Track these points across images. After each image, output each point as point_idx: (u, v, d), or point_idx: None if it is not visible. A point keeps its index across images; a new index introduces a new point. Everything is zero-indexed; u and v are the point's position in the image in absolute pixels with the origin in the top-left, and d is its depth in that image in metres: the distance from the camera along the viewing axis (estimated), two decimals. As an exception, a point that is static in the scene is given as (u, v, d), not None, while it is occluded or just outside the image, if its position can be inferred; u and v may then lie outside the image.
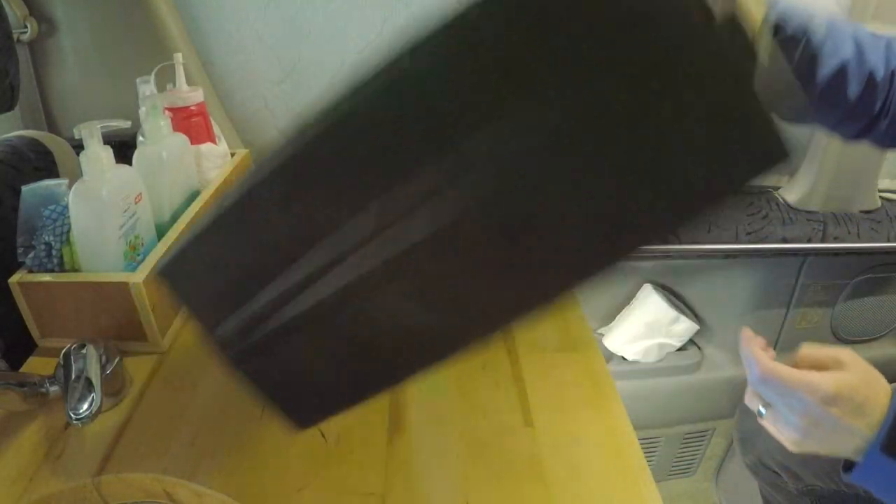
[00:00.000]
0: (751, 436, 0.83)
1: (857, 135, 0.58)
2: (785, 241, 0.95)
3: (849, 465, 0.47)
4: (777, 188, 0.96)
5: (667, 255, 0.96)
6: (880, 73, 0.54)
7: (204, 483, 0.43)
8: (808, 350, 0.50)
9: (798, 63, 0.52)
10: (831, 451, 0.47)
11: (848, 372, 0.46)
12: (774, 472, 0.79)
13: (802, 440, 0.47)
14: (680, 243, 0.93)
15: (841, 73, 0.53)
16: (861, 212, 0.96)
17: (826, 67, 0.52)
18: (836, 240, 0.95)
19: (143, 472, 0.44)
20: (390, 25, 0.78)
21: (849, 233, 0.95)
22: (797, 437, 0.47)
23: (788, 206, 0.95)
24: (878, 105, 0.55)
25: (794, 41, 0.51)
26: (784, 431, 0.48)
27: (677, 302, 1.06)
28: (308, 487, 0.42)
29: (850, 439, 0.45)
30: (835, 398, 0.44)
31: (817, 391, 0.44)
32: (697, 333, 1.06)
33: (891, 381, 0.46)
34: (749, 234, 0.93)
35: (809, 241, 0.95)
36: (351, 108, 0.30)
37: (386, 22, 0.78)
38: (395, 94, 0.29)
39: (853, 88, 0.54)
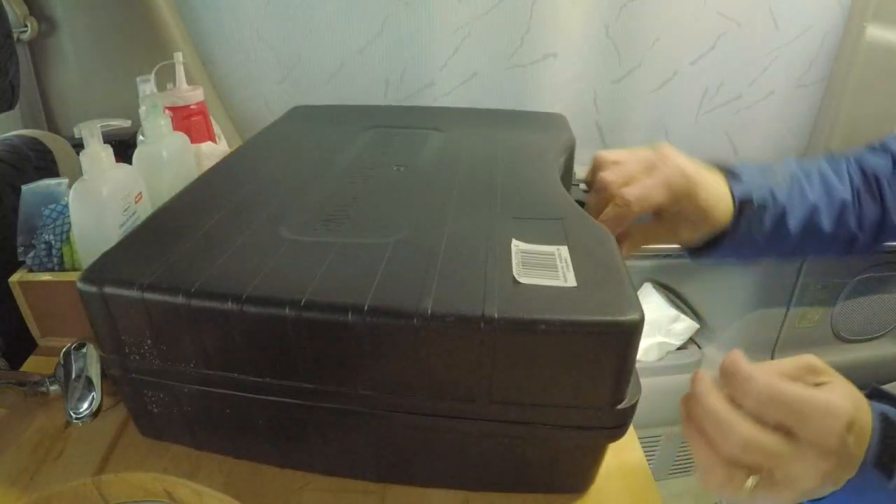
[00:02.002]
0: None
1: (841, 254, 0.60)
2: (785, 240, 0.94)
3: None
4: (777, 187, 0.96)
5: (667, 255, 0.96)
6: (848, 199, 0.56)
7: (204, 483, 0.43)
8: (750, 365, 0.36)
9: (772, 222, 0.54)
10: (831, 486, 0.35)
11: (841, 384, 0.35)
12: None
13: (821, 487, 0.34)
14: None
15: (812, 216, 0.55)
16: (861, 211, 0.96)
17: (796, 218, 0.54)
18: (836, 239, 0.95)
19: (144, 471, 0.44)
20: (390, 25, 0.78)
21: (849, 232, 0.95)
22: (813, 483, 0.33)
23: (789, 205, 0.95)
24: (855, 225, 0.56)
25: (763, 208, 0.53)
26: (796, 488, 0.34)
27: (677, 301, 1.06)
28: (308, 487, 0.42)
29: (848, 473, 0.34)
30: (853, 423, 0.33)
31: (840, 415, 0.32)
32: (697, 332, 1.06)
33: (891, 380, 0.46)
34: (749, 233, 0.93)
35: (810, 240, 0.95)
36: None
37: (386, 22, 0.78)
38: None
39: (827, 224, 0.55)
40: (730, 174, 0.53)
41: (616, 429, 0.37)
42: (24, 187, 0.54)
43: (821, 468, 0.32)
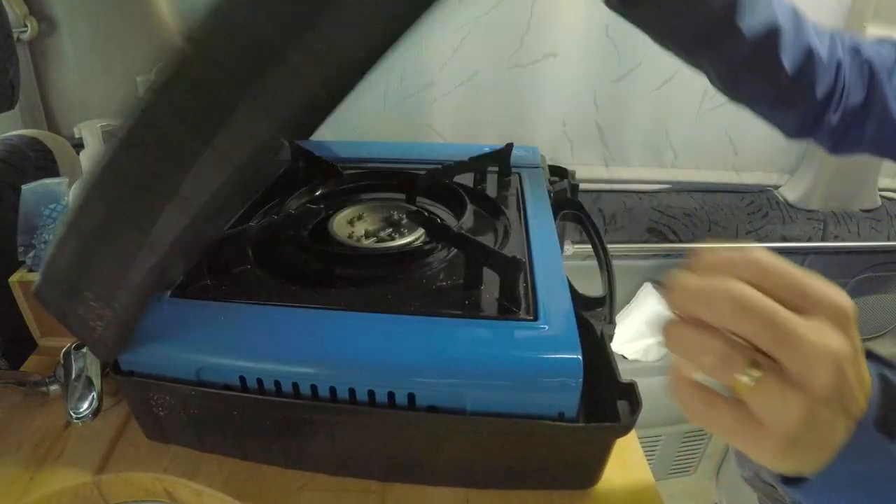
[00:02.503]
0: None
1: (802, 126, 0.55)
2: (785, 239, 0.95)
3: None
4: (777, 187, 0.96)
5: (667, 255, 0.96)
6: (822, 55, 0.51)
7: (204, 483, 0.43)
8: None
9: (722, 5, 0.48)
10: (825, 441, 0.28)
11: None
12: (771, 485, 0.79)
13: (809, 415, 0.25)
14: (680, 242, 0.93)
15: (772, 34, 0.49)
16: (861, 210, 0.96)
17: (755, 19, 0.48)
18: (836, 238, 0.95)
19: (144, 471, 0.44)
20: (390, 24, 0.78)
21: (849, 231, 0.95)
22: (804, 410, 0.25)
23: (789, 204, 0.95)
24: (822, 91, 0.52)
25: None
26: (813, 391, 0.25)
27: (677, 301, 1.06)
28: (308, 487, 0.42)
29: (842, 425, 0.27)
30: (854, 357, 0.26)
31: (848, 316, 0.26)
32: (697, 332, 1.06)
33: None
34: (749, 232, 0.93)
35: (810, 239, 0.95)
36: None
37: (386, 21, 0.78)
38: None
39: (787, 58, 0.50)
40: None
41: (625, 427, 0.38)
42: (24, 187, 0.54)
43: (840, 355, 0.25)
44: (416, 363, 0.37)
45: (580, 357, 0.36)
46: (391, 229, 0.52)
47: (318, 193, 0.60)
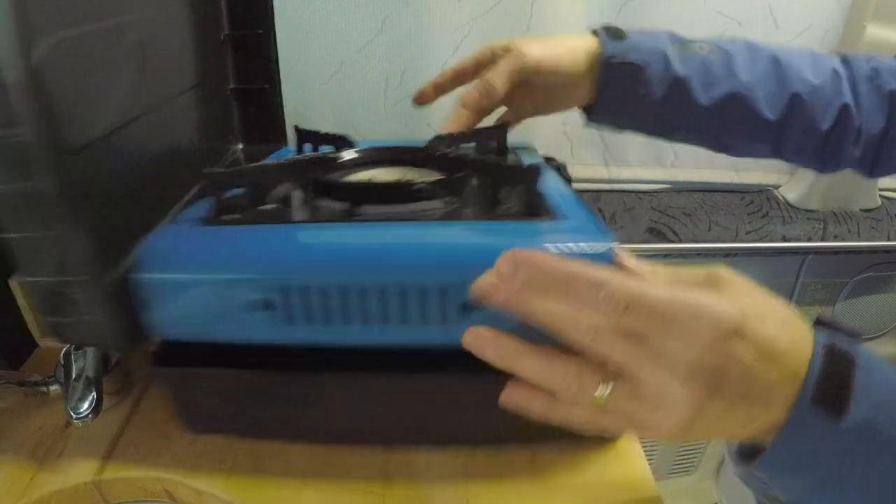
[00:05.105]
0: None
1: (824, 162, 0.57)
2: (785, 239, 0.95)
3: (751, 451, 0.31)
4: (777, 187, 0.96)
5: (667, 255, 0.96)
6: (815, 96, 0.52)
7: (204, 483, 0.43)
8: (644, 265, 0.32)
9: (665, 89, 0.52)
10: (731, 429, 0.28)
11: (742, 291, 0.29)
12: (765, 482, 0.78)
13: (695, 415, 0.26)
14: (680, 242, 0.93)
15: (736, 98, 0.52)
16: (861, 210, 0.96)
17: (715, 91, 0.52)
18: (836, 238, 0.95)
19: (144, 471, 0.44)
20: (390, 25, 0.78)
21: (849, 231, 0.95)
22: (686, 411, 0.26)
23: (788, 204, 0.95)
24: (827, 126, 0.53)
25: (639, 69, 0.51)
26: (659, 409, 0.27)
27: (677, 301, 1.06)
28: (308, 487, 0.42)
29: (762, 402, 0.27)
30: (741, 330, 0.26)
31: (716, 319, 0.26)
32: (698, 332, 1.06)
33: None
34: (749, 232, 0.93)
35: (810, 239, 0.95)
36: None
37: (386, 21, 0.78)
38: None
39: (769, 110, 0.53)
40: (614, 34, 0.53)
41: None
42: None
43: (696, 384, 0.26)
44: (457, 256, 0.37)
45: (611, 247, 0.36)
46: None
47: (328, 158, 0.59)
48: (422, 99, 0.65)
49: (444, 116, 0.83)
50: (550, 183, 0.47)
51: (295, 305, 0.37)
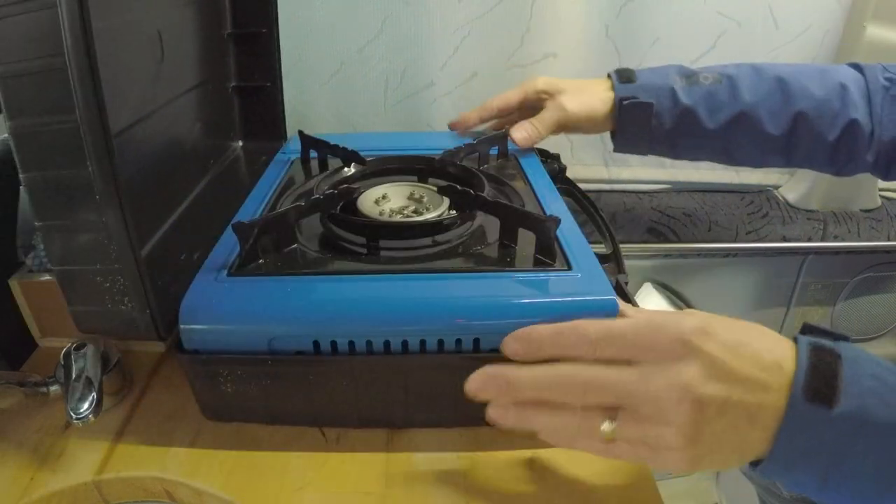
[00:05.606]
0: None
1: (838, 168, 0.60)
2: (785, 239, 0.95)
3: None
4: (777, 187, 0.96)
5: (667, 255, 0.96)
6: (821, 109, 0.56)
7: (204, 483, 0.43)
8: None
9: (674, 120, 0.60)
10: (738, 449, 0.30)
11: (703, 314, 0.32)
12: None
13: (697, 418, 0.28)
14: (680, 242, 0.93)
15: (741, 118, 0.57)
16: (861, 210, 0.96)
17: (716, 116, 0.58)
18: (836, 238, 0.95)
19: (144, 471, 0.44)
20: (390, 25, 0.78)
21: (849, 231, 0.95)
22: (687, 415, 0.28)
23: (789, 204, 0.95)
24: (834, 136, 0.56)
25: (647, 106, 0.59)
26: (663, 424, 0.29)
27: (678, 301, 1.06)
28: (308, 487, 0.42)
29: (756, 414, 0.29)
30: (705, 329, 0.29)
31: (677, 326, 0.30)
32: (698, 332, 1.06)
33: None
34: (749, 232, 0.93)
35: (810, 239, 0.95)
36: None
37: (386, 21, 0.78)
38: None
39: (774, 127, 0.57)
40: (625, 77, 0.62)
41: None
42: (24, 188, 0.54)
43: (679, 385, 0.28)
44: (479, 310, 0.42)
45: (615, 297, 0.41)
46: (415, 206, 0.56)
47: (339, 178, 0.62)
48: (462, 126, 0.72)
49: (444, 116, 0.84)
50: (565, 225, 0.50)
51: (323, 351, 0.42)
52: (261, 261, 0.46)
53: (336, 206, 0.51)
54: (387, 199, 0.57)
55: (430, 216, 0.52)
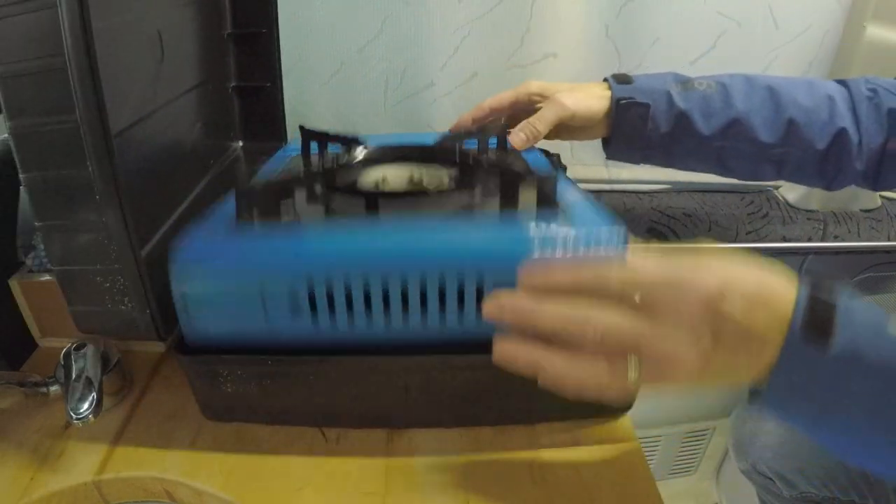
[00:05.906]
0: (744, 442, 0.83)
1: (828, 179, 0.61)
2: (785, 239, 0.95)
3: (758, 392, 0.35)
4: (777, 187, 0.96)
5: (667, 255, 0.96)
6: (811, 117, 0.57)
7: (204, 483, 0.43)
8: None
9: (670, 124, 0.60)
10: (737, 372, 0.33)
11: (721, 263, 0.34)
12: (769, 478, 0.79)
13: (705, 366, 0.33)
14: (679, 242, 0.93)
15: (735, 123, 0.58)
16: (861, 211, 0.96)
17: (711, 122, 0.58)
18: (836, 239, 0.95)
19: (144, 471, 0.44)
20: (390, 25, 0.78)
21: (849, 232, 0.95)
22: (697, 364, 0.32)
23: (789, 204, 0.95)
24: (824, 145, 0.57)
25: (643, 107, 0.59)
26: (674, 367, 0.33)
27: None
28: (308, 487, 0.42)
29: (759, 343, 0.32)
30: (722, 292, 0.32)
31: (698, 287, 0.32)
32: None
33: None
34: (749, 233, 0.93)
35: (810, 239, 0.95)
36: None
37: (386, 21, 0.78)
38: None
39: (766, 134, 0.58)
40: (622, 79, 0.62)
41: None
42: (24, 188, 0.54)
43: (690, 341, 0.31)
44: (481, 247, 0.41)
45: (622, 225, 0.40)
46: (415, 188, 0.54)
47: (339, 164, 0.60)
48: (460, 129, 0.71)
49: (444, 116, 0.84)
50: (561, 186, 0.49)
51: (321, 298, 0.40)
52: (257, 223, 0.44)
53: (335, 179, 0.50)
54: (386, 182, 0.55)
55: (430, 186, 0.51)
